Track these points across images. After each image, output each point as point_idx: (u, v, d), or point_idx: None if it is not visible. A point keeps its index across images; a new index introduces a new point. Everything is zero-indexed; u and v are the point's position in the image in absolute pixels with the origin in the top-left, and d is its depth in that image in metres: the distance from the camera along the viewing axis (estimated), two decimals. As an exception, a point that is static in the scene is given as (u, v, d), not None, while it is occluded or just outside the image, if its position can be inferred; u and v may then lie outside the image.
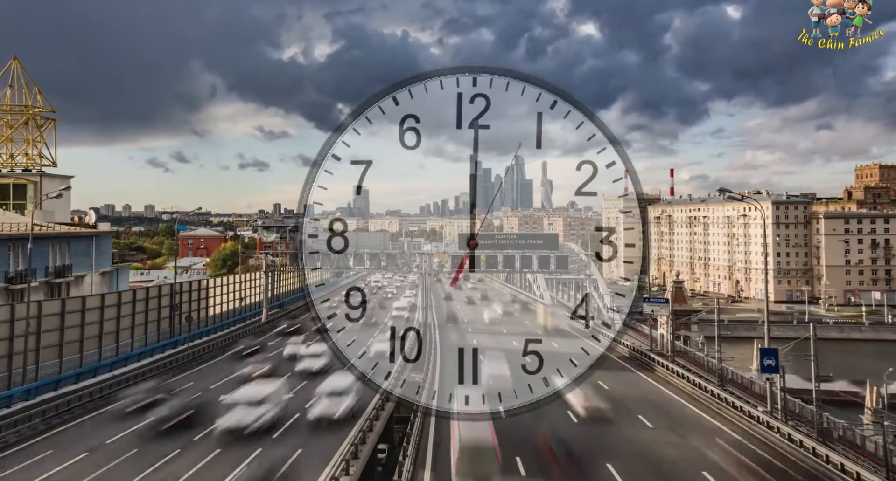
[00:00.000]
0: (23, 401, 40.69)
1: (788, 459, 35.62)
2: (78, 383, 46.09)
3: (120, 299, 55.16)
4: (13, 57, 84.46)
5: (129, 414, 39.50)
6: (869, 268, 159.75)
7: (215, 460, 31.85)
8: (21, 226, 62.18)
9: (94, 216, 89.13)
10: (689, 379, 52.89)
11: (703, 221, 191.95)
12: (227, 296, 77.81)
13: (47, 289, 65.29)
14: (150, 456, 32.14)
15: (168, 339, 61.45)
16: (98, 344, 50.38)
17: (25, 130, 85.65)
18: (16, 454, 32.97)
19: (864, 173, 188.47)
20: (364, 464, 31.91)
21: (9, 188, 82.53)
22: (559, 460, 33.87)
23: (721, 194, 63.51)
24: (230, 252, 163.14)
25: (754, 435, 39.69)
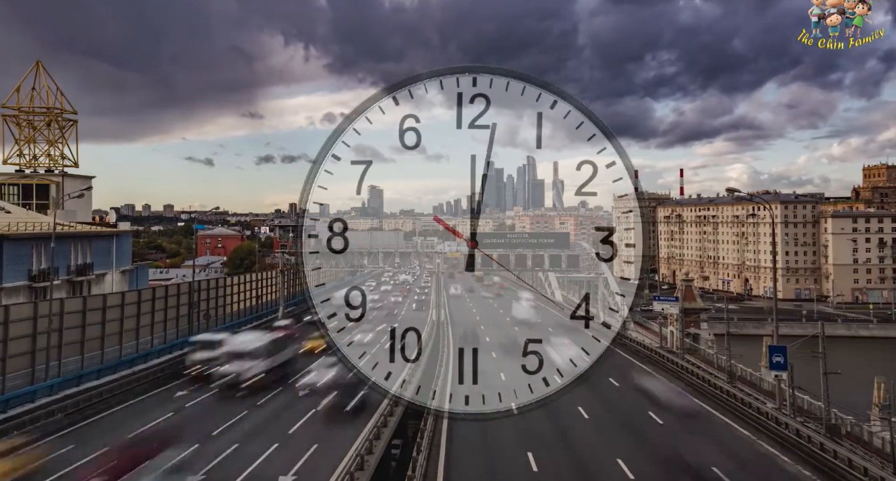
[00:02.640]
0: (46, 397, 40.99)
1: (797, 455, 35.46)
2: (99, 379, 46.38)
3: (140, 297, 55.37)
4: (36, 61, 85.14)
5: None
6: (877, 267, 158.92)
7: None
8: (44, 226, 62.60)
9: (114, 216, 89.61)
10: (698, 376, 52.78)
11: (713, 221, 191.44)
12: (244, 294, 78.02)
13: (69, 287, 65.66)
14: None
15: (187, 337, 61.65)
16: (119, 341, 50.59)
17: (48, 132, 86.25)
18: (38, 448, 33.14)
19: (872, 173, 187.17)
20: (378, 459, 31.96)
21: (32, 188, 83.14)
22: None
23: (730, 194, 63.34)
24: (247, 251, 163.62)
25: (763, 431, 39.53)
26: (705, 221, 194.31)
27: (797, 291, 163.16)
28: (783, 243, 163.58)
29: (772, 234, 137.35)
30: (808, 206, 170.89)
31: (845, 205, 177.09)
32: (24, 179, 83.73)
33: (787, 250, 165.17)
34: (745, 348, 74.41)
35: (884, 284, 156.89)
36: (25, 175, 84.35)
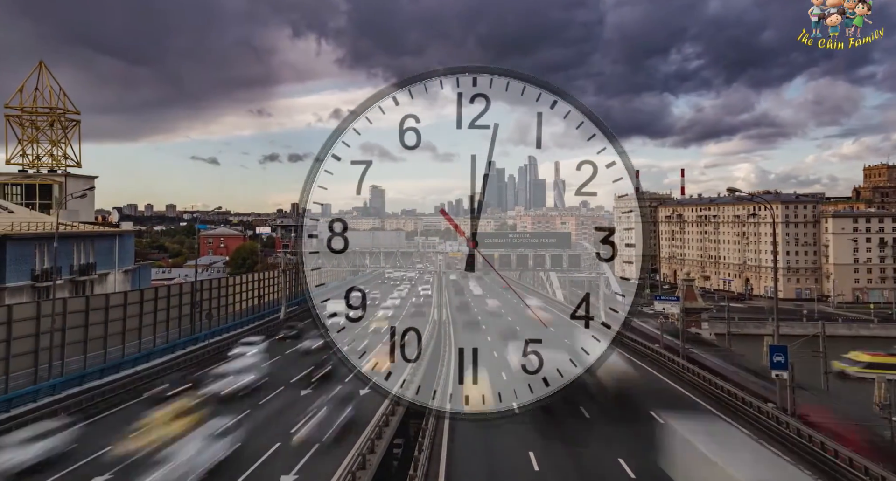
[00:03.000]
0: (49, 396, 41.01)
1: (798, 454, 35.36)
2: (102, 378, 46.39)
3: (142, 297, 55.46)
4: (39, 61, 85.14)
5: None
6: (877, 267, 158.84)
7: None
8: (47, 226, 62.62)
9: (117, 216, 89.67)
10: (699, 375, 52.67)
11: (714, 221, 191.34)
12: (246, 294, 78.05)
13: (72, 287, 65.69)
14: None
15: (189, 336, 61.69)
16: (121, 340, 50.67)
17: (51, 132, 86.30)
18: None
19: (873, 173, 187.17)
20: (380, 459, 31.93)
21: (35, 188, 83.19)
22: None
23: (730, 194, 63.22)
24: (249, 250, 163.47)
25: (764, 431, 39.43)
26: (706, 221, 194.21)
27: (798, 291, 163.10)
28: (784, 243, 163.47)
29: (772, 234, 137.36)
30: (809, 206, 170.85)
31: (846, 205, 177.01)
32: (28, 179, 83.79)
33: (787, 250, 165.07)
34: (747, 347, 74.47)
35: (884, 284, 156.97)
36: (28, 175, 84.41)
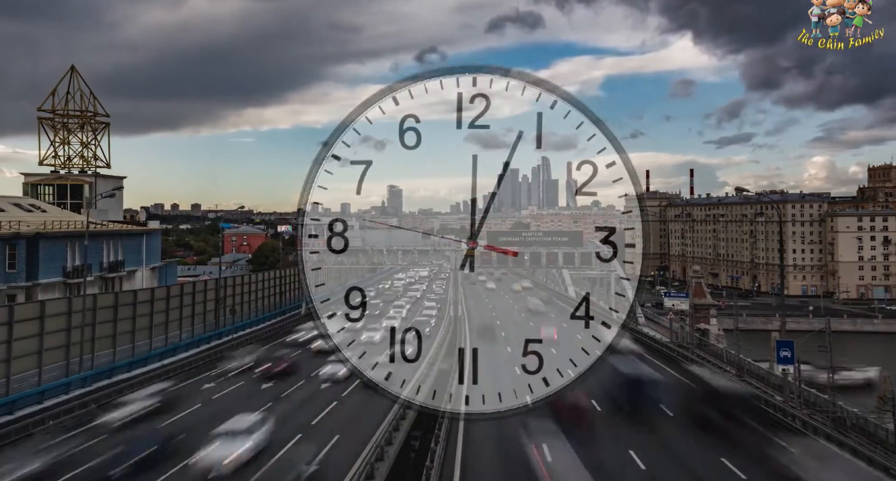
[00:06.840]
0: (80, 388, 41.36)
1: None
2: (130, 372, 46.72)
3: (169, 293, 55.74)
4: (71, 65, 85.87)
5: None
6: (881, 264, 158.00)
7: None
8: (78, 225, 63.18)
9: (144, 215, 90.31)
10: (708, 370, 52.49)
11: (723, 220, 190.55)
12: (267, 290, 78.20)
13: (102, 284, 66.25)
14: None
15: (213, 331, 61.99)
16: (149, 335, 50.95)
17: (82, 134, 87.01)
18: (74, 437, 33.40)
19: (878, 173, 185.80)
20: (398, 450, 32.00)
21: (66, 188, 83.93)
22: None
23: (738, 193, 63.00)
24: (271, 248, 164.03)
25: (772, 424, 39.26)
26: (715, 220, 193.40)
27: (804, 288, 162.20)
28: (791, 241, 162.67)
29: (779, 233, 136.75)
30: (815, 205, 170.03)
31: (851, 205, 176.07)
32: (59, 180, 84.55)
33: (794, 248, 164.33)
34: (754, 343, 74.07)
35: (888, 281, 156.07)
36: (60, 176, 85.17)
